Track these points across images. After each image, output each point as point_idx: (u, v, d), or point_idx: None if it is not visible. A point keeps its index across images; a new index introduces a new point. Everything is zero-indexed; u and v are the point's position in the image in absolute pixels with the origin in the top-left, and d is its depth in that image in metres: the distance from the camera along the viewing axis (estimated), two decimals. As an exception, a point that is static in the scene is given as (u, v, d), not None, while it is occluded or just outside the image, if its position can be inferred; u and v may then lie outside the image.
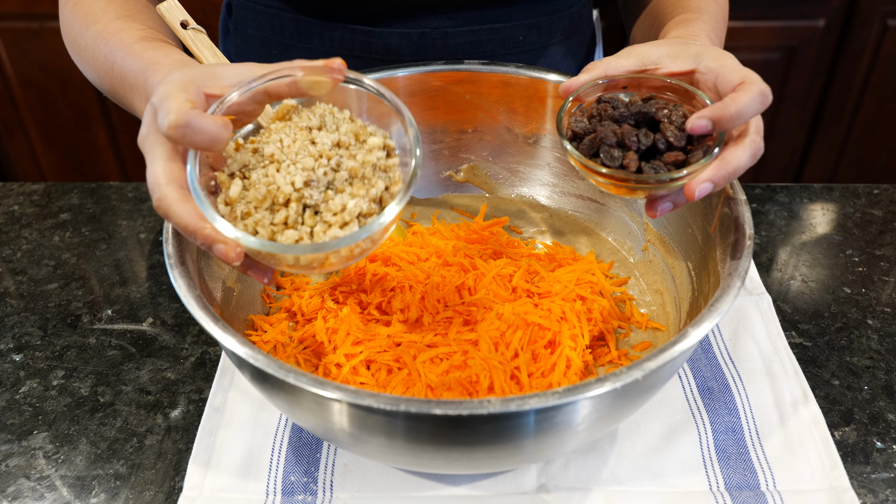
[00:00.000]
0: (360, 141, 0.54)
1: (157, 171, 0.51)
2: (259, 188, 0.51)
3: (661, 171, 0.57)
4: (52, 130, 1.89)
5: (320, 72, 0.54)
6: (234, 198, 0.52)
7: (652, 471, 0.65)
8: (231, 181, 0.53)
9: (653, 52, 0.61)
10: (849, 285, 0.84)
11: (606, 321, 0.72)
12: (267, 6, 0.90)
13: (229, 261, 0.50)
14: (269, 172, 0.52)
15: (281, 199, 0.51)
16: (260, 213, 0.51)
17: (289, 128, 0.54)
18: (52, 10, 1.67)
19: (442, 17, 0.87)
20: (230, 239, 0.50)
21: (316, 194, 0.51)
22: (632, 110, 0.60)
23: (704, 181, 0.55)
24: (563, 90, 0.62)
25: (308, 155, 0.52)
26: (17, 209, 0.97)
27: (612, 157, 0.58)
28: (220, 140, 0.50)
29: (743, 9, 1.63)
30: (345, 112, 0.56)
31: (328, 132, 0.54)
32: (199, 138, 0.49)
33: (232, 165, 0.53)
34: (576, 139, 0.61)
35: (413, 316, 0.69)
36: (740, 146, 0.56)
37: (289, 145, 0.53)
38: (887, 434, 0.68)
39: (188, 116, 0.48)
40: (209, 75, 0.54)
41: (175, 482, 0.65)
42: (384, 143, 0.55)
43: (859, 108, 1.77)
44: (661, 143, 0.58)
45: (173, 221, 0.51)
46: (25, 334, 0.79)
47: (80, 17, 0.71)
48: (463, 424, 0.49)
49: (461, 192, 0.88)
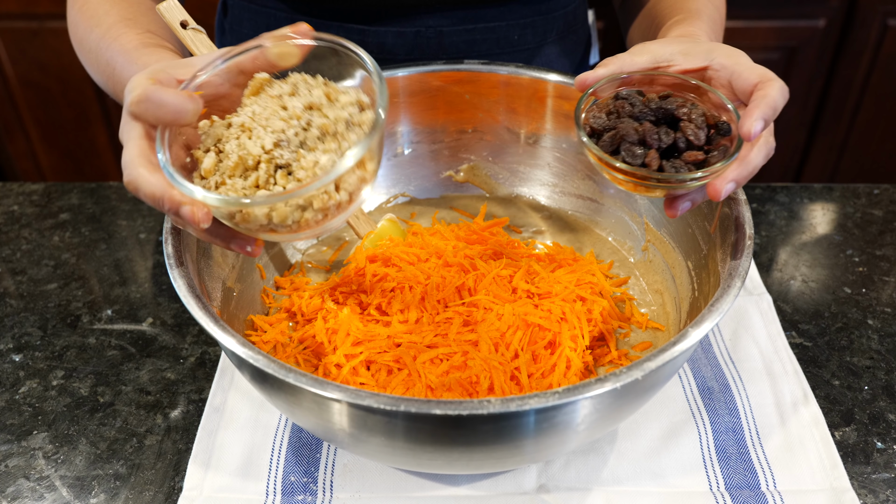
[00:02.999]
0: (333, 101, 0.54)
1: (130, 150, 0.52)
2: (231, 157, 0.52)
3: (682, 170, 0.57)
4: (52, 130, 1.89)
5: (286, 39, 0.54)
6: (209, 169, 0.52)
7: (652, 471, 0.65)
8: (206, 155, 0.53)
9: (665, 50, 0.61)
10: (849, 285, 0.84)
11: (606, 322, 0.72)
12: (262, 5, 0.90)
13: (196, 220, 0.50)
14: (241, 141, 0.52)
15: (251, 163, 0.51)
16: (233, 181, 0.51)
17: (261, 99, 0.54)
18: (52, 10, 1.67)
19: (437, 16, 0.87)
20: (196, 199, 0.50)
21: (287, 154, 0.51)
22: (651, 107, 0.59)
23: (730, 181, 0.56)
24: (579, 84, 0.61)
25: (278, 118, 0.52)
26: (17, 209, 0.96)
27: (633, 154, 0.57)
28: (183, 112, 0.50)
29: (743, 9, 1.63)
30: (318, 78, 0.55)
31: (300, 97, 0.54)
32: (162, 111, 0.50)
33: (206, 141, 0.54)
34: (594, 135, 0.60)
35: (413, 316, 0.69)
36: (756, 146, 0.57)
37: (259, 113, 0.53)
38: (888, 434, 0.68)
39: (148, 90, 0.50)
40: (182, 63, 0.55)
41: (175, 482, 0.65)
42: (357, 98, 0.54)
43: (859, 108, 1.77)
44: (681, 142, 0.58)
45: (142, 193, 0.51)
46: (25, 334, 0.79)
47: (85, 20, 0.71)
48: (463, 424, 0.49)
49: (461, 192, 0.88)
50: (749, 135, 0.54)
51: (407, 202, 0.88)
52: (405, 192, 0.88)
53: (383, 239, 0.79)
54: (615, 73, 0.61)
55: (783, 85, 0.56)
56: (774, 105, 0.55)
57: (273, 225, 0.52)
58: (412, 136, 0.85)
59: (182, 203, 0.50)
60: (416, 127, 0.85)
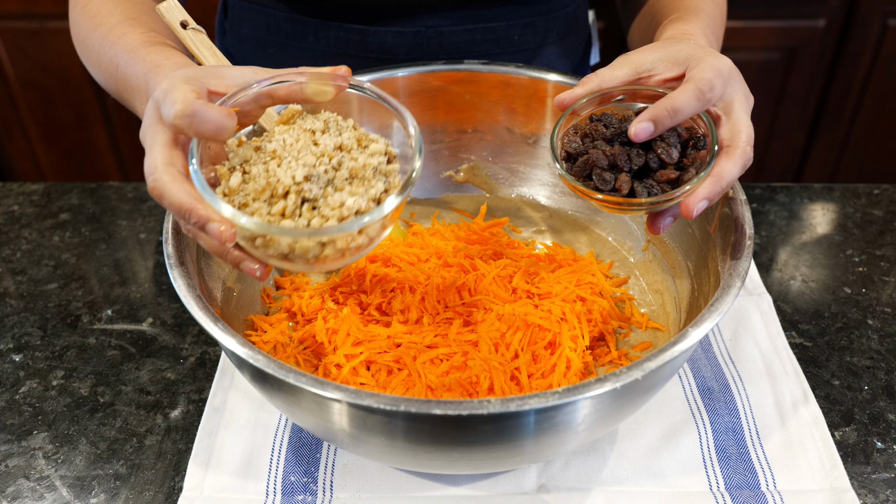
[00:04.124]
0: (363, 146, 0.55)
1: (156, 156, 0.51)
2: (259, 180, 0.52)
3: (655, 191, 0.57)
4: (52, 130, 1.89)
5: (325, 78, 0.55)
6: (234, 188, 0.52)
7: (652, 471, 0.65)
8: (231, 174, 0.53)
9: (646, 59, 0.61)
10: (849, 285, 0.84)
11: (606, 322, 0.72)
12: (262, 6, 0.90)
13: (223, 239, 0.50)
14: (269, 167, 0.52)
15: (280, 191, 0.51)
16: (257, 205, 0.52)
17: (293, 129, 0.55)
18: (52, 10, 1.67)
19: (437, 15, 0.87)
20: (225, 217, 0.50)
21: (315, 189, 0.51)
22: (623, 128, 0.59)
23: (701, 199, 0.56)
24: (557, 104, 0.62)
25: (310, 153, 0.53)
26: (17, 209, 0.96)
27: (603, 180, 0.57)
28: (225, 129, 0.50)
29: (743, 9, 1.63)
30: (349, 121, 0.56)
31: (331, 135, 0.54)
32: (206, 127, 0.50)
33: (233, 159, 0.54)
34: (569, 160, 0.60)
35: (413, 317, 0.69)
36: (731, 159, 0.56)
37: (291, 144, 0.53)
38: (887, 434, 0.68)
39: (194, 105, 0.49)
40: (213, 73, 0.55)
41: (175, 482, 0.65)
42: (386, 148, 0.55)
43: (859, 108, 1.77)
44: (653, 162, 0.57)
45: (167, 201, 0.51)
46: (25, 334, 0.79)
47: (87, 19, 0.71)
48: (463, 424, 0.49)
49: (461, 192, 0.88)
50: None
51: (407, 202, 0.88)
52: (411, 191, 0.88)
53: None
54: (594, 91, 0.61)
55: (700, 86, 0.56)
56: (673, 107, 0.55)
57: (291, 255, 0.52)
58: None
59: (210, 219, 0.50)
60: (416, 127, 0.85)
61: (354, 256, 0.54)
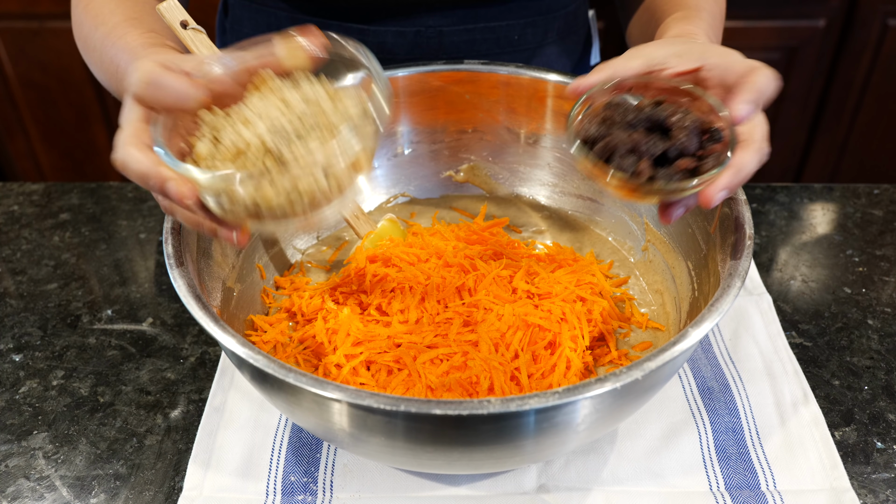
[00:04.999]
0: (334, 100, 0.54)
1: (124, 130, 0.52)
2: (226, 143, 0.52)
3: (674, 179, 0.57)
4: (52, 130, 1.89)
5: (296, 44, 0.55)
6: (202, 154, 0.52)
7: (652, 471, 0.65)
8: (199, 141, 0.53)
9: (658, 52, 0.61)
10: (849, 285, 0.84)
11: (606, 322, 0.72)
12: (263, 5, 0.91)
13: (182, 196, 0.50)
14: (238, 130, 0.52)
15: (244, 149, 0.51)
16: (224, 165, 0.52)
17: (263, 94, 0.55)
18: (52, 10, 1.67)
19: (437, 15, 0.87)
20: (181, 175, 0.50)
21: (280, 142, 0.51)
22: (642, 115, 0.59)
23: (722, 189, 0.56)
24: (571, 91, 0.61)
25: (277, 110, 0.53)
26: (17, 209, 0.97)
27: (625, 163, 0.57)
28: (187, 96, 0.51)
29: (743, 9, 1.63)
30: (322, 77, 0.56)
31: (300, 90, 0.54)
32: (166, 94, 0.51)
33: (204, 130, 0.54)
34: (586, 144, 0.60)
35: (413, 317, 0.69)
36: (749, 152, 0.56)
37: (259, 105, 0.53)
38: (887, 434, 0.68)
39: (154, 73, 0.51)
40: (189, 57, 0.56)
41: (175, 482, 0.65)
42: (359, 100, 0.54)
43: (860, 108, 1.77)
44: (673, 150, 0.57)
45: (130, 171, 0.51)
46: (25, 334, 0.79)
47: (90, 19, 0.72)
48: (463, 424, 0.49)
49: (461, 192, 0.88)
50: (736, 119, 0.55)
51: (407, 202, 0.88)
52: (405, 192, 0.88)
53: (383, 239, 0.79)
54: (608, 79, 0.61)
55: (771, 72, 0.56)
56: (759, 89, 0.56)
57: (259, 212, 0.52)
58: (412, 136, 0.85)
59: (168, 178, 0.50)
60: (416, 127, 0.85)
61: (328, 207, 0.53)
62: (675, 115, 0.58)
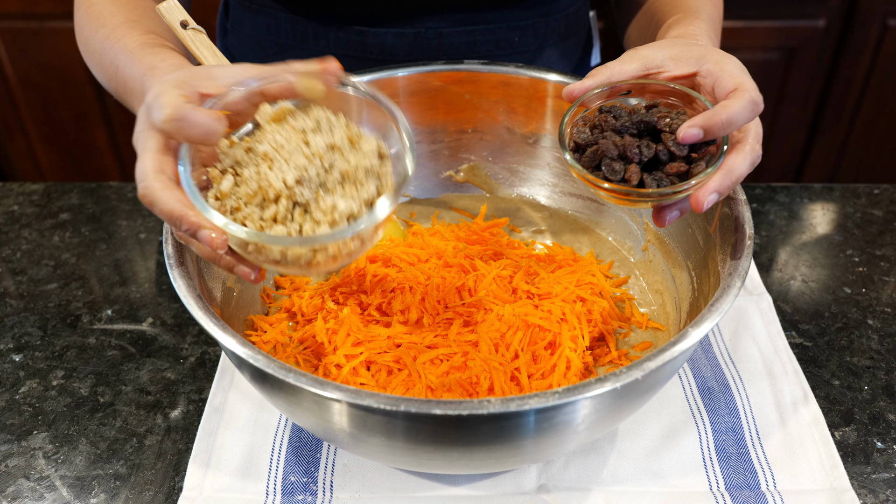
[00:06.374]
0: (355, 146, 0.55)
1: (146, 162, 0.51)
2: (250, 184, 0.52)
3: (664, 183, 0.57)
4: (52, 130, 1.89)
5: (315, 76, 0.54)
6: (226, 192, 0.52)
7: (652, 471, 0.65)
8: (223, 176, 0.53)
9: (656, 55, 0.61)
10: (849, 285, 0.84)
11: (606, 322, 0.72)
12: (263, 7, 0.90)
13: (214, 247, 0.50)
14: (261, 170, 0.52)
15: (271, 195, 0.51)
16: (249, 209, 0.51)
17: (284, 129, 0.54)
18: (52, 10, 1.67)
19: (437, 17, 0.87)
20: (216, 225, 0.50)
21: (307, 192, 0.51)
22: (634, 120, 0.59)
23: (712, 192, 0.56)
24: (566, 95, 0.61)
25: (301, 154, 0.52)
26: (17, 209, 0.97)
27: (613, 170, 0.57)
28: (214, 133, 0.50)
29: (743, 9, 1.63)
30: (340, 117, 0.56)
31: (323, 135, 0.54)
32: (194, 131, 0.50)
33: (224, 161, 0.53)
34: (578, 150, 0.60)
35: (413, 317, 0.69)
36: (741, 154, 0.56)
37: (282, 145, 0.53)
38: (887, 434, 0.68)
39: (182, 110, 0.49)
40: (204, 75, 0.55)
41: (175, 482, 0.65)
42: (378, 148, 0.55)
43: (859, 108, 1.77)
44: (662, 155, 0.57)
45: (158, 209, 0.51)
46: (25, 334, 0.79)
47: (91, 21, 0.72)
48: (463, 424, 0.49)
49: (461, 192, 0.88)
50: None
51: (407, 202, 0.88)
52: (405, 192, 0.88)
53: (383, 239, 0.79)
54: (603, 83, 0.61)
55: (754, 97, 0.56)
56: (730, 118, 0.55)
57: (284, 261, 0.52)
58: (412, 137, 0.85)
59: (201, 227, 0.50)
60: (416, 127, 0.85)
61: (348, 260, 0.54)
62: (666, 118, 0.58)
